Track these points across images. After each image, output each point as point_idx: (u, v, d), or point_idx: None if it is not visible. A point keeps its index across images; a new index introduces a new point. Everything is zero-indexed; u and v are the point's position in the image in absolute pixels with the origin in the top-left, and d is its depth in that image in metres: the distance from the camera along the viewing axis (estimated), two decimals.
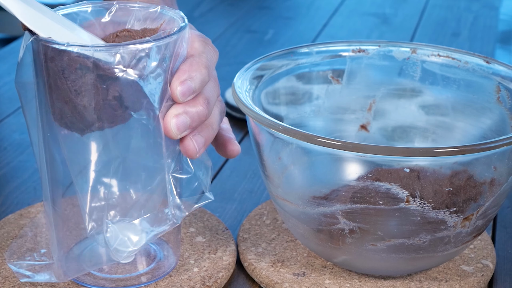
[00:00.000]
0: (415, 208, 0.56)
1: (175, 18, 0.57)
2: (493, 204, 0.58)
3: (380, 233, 0.57)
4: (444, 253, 0.59)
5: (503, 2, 1.45)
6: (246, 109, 0.59)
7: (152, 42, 0.52)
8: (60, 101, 0.52)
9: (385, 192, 0.56)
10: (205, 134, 0.56)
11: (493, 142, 0.54)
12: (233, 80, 0.63)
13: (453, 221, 0.57)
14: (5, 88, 1.00)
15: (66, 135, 0.54)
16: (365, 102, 0.72)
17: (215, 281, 0.61)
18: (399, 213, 0.56)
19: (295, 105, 0.70)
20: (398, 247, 0.58)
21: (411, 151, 0.54)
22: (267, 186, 0.62)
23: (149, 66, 0.52)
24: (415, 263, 0.60)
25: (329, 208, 0.58)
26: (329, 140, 0.54)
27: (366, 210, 0.56)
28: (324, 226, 0.59)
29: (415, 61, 0.69)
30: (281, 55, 0.68)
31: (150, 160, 0.55)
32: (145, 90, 0.52)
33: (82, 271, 0.59)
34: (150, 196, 0.56)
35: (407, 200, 0.56)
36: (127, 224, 0.55)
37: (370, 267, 0.61)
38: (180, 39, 0.54)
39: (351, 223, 0.57)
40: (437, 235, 0.57)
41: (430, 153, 0.53)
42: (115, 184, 0.55)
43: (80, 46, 0.50)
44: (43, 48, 0.51)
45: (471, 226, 0.58)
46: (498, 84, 0.65)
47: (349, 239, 0.58)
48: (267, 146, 0.60)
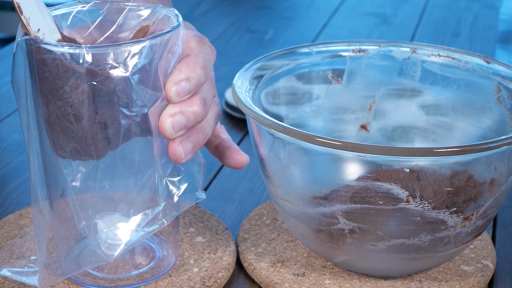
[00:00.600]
0: (415, 208, 0.56)
1: (170, 16, 0.56)
2: (493, 204, 0.58)
3: (380, 233, 0.57)
4: (444, 253, 0.59)
5: (503, 2, 1.45)
6: (246, 109, 0.59)
7: (146, 41, 0.52)
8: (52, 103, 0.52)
9: (385, 192, 0.55)
10: (194, 139, 0.56)
11: (493, 142, 0.54)
12: (233, 80, 0.63)
13: (453, 221, 0.57)
14: (5, 88, 1.00)
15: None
16: (365, 102, 0.72)
17: (215, 281, 0.61)
18: (399, 213, 0.56)
19: (295, 105, 0.70)
20: (398, 247, 0.58)
21: (410, 151, 0.53)
22: (267, 186, 0.62)
23: (141, 64, 0.52)
24: (415, 263, 0.60)
25: (329, 208, 0.58)
26: (328, 140, 0.54)
27: (366, 210, 0.56)
28: (324, 226, 0.59)
29: (415, 61, 0.69)
30: (281, 55, 0.68)
31: (140, 156, 0.55)
32: (136, 87, 0.52)
33: (80, 270, 0.59)
34: (140, 192, 0.56)
35: (407, 200, 0.56)
36: (117, 219, 0.55)
37: (370, 267, 0.61)
38: (174, 37, 0.54)
39: (351, 223, 0.57)
40: (437, 235, 0.57)
41: (430, 153, 0.53)
42: (105, 179, 0.55)
43: (73, 47, 0.50)
44: (33, 47, 0.51)
45: (471, 226, 0.58)
46: (498, 84, 0.65)
47: (349, 239, 0.58)
48: (267, 146, 0.60)
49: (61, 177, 0.54)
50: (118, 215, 0.55)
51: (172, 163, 0.56)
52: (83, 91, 0.51)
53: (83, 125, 0.52)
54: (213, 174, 0.80)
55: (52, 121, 0.53)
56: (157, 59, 0.52)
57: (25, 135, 0.55)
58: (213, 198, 0.75)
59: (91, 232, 0.55)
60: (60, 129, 0.53)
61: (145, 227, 0.55)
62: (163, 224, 0.56)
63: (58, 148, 0.54)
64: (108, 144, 0.53)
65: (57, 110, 0.52)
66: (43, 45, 0.51)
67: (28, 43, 0.52)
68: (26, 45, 0.52)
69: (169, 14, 0.56)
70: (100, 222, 0.55)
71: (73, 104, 0.51)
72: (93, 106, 0.51)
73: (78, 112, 0.52)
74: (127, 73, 0.51)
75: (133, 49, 0.51)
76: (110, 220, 0.55)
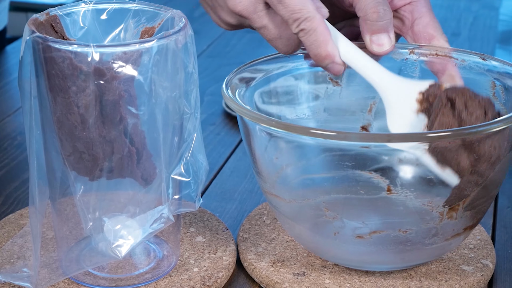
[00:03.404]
0: (397, 197, 0.55)
1: (175, 17, 0.57)
2: (480, 195, 0.58)
3: (364, 225, 0.57)
4: (433, 246, 0.59)
5: (503, 2, 1.45)
6: (234, 104, 0.58)
7: (154, 40, 0.52)
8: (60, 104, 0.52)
9: (365, 181, 0.55)
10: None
11: (474, 127, 0.53)
12: (225, 78, 0.62)
13: (438, 211, 0.56)
14: (5, 88, 1.00)
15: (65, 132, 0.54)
16: (365, 103, 0.72)
17: (215, 281, 0.61)
18: (381, 202, 0.56)
19: (294, 105, 0.70)
20: (384, 239, 0.58)
21: (392, 137, 0.53)
22: (260, 184, 0.63)
23: (149, 63, 0.52)
24: (404, 256, 0.59)
25: (314, 200, 0.57)
26: (307, 129, 0.54)
27: (349, 200, 0.56)
28: (312, 220, 0.59)
29: (414, 61, 0.69)
30: (279, 56, 0.68)
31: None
32: (143, 86, 0.52)
33: (81, 270, 0.59)
34: (147, 193, 0.56)
35: (388, 189, 0.55)
36: (124, 220, 0.55)
37: (361, 260, 0.60)
38: (181, 37, 0.54)
39: (336, 214, 0.57)
40: (423, 226, 0.57)
41: (408, 138, 0.53)
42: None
43: (82, 45, 0.51)
44: (41, 46, 0.51)
45: (459, 217, 0.58)
46: (493, 80, 0.65)
47: (335, 232, 0.58)
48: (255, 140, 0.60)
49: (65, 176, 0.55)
50: (125, 216, 0.55)
51: (179, 163, 0.57)
52: (91, 90, 0.51)
53: (90, 124, 0.52)
54: (213, 174, 0.80)
55: (61, 120, 0.53)
56: (164, 58, 0.53)
57: (28, 134, 0.55)
58: (213, 198, 0.75)
59: (98, 232, 0.55)
60: (67, 129, 0.53)
61: (151, 225, 0.56)
62: (170, 221, 0.56)
63: (65, 149, 0.54)
64: (114, 146, 0.53)
65: (65, 108, 0.52)
66: (52, 43, 0.51)
67: (36, 41, 0.52)
68: (34, 43, 0.52)
69: (174, 16, 0.57)
70: (108, 222, 0.55)
71: (81, 102, 0.52)
72: (100, 105, 0.52)
73: (85, 110, 0.52)
74: (135, 72, 0.51)
75: (141, 48, 0.51)
76: (117, 220, 0.55)
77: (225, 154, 0.84)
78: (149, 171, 0.55)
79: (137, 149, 0.54)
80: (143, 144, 0.54)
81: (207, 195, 0.76)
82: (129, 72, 0.51)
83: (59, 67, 0.51)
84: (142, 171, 0.55)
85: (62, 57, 0.51)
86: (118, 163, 0.54)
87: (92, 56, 0.50)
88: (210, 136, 0.88)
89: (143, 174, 0.55)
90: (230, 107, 0.59)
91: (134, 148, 0.54)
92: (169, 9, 0.57)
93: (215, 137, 0.88)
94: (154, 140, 0.54)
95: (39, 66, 0.52)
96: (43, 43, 0.51)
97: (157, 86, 0.53)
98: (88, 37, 0.57)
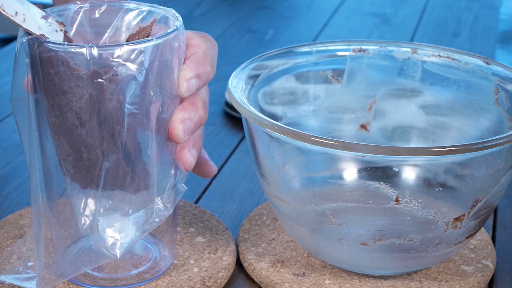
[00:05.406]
0: (405, 208, 0.56)
1: (168, 16, 0.56)
2: (485, 205, 0.58)
3: (370, 232, 0.57)
4: (436, 253, 0.59)
5: (503, 2, 1.45)
6: (240, 107, 0.58)
7: (152, 40, 0.52)
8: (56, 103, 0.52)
9: (374, 191, 0.55)
10: (198, 146, 0.58)
11: (487, 141, 0.53)
12: (229, 79, 0.62)
13: (443, 221, 0.57)
14: (5, 88, 1.00)
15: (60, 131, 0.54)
16: (365, 101, 0.72)
17: (215, 281, 0.61)
18: (389, 212, 0.56)
19: (294, 104, 0.70)
20: (389, 247, 0.58)
21: (400, 150, 0.53)
22: (262, 185, 0.62)
23: (146, 63, 0.52)
24: (407, 263, 0.59)
25: (320, 207, 0.57)
26: (318, 139, 0.54)
27: (356, 209, 0.56)
28: (316, 225, 0.59)
29: (416, 61, 0.69)
30: (279, 54, 0.68)
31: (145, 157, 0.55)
32: (141, 86, 0.52)
33: (78, 271, 0.59)
34: (141, 192, 0.56)
35: (396, 199, 0.55)
36: (118, 218, 0.55)
37: (364, 266, 0.61)
38: (177, 36, 0.54)
39: (342, 221, 0.57)
40: (428, 235, 0.57)
41: (420, 152, 0.53)
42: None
43: (79, 46, 0.50)
44: (37, 46, 0.51)
45: (463, 227, 0.58)
46: (496, 85, 0.65)
47: (340, 238, 0.58)
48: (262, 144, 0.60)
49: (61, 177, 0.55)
50: (119, 215, 0.55)
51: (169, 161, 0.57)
52: (88, 91, 0.51)
53: (88, 125, 0.52)
54: (213, 175, 0.80)
55: (57, 122, 0.53)
56: (161, 58, 0.53)
57: (26, 136, 0.55)
58: (213, 198, 0.75)
59: (93, 231, 0.55)
60: (64, 131, 0.53)
61: (144, 224, 0.56)
62: (161, 221, 0.56)
63: (62, 152, 0.54)
64: (113, 144, 0.53)
65: (60, 110, 0.52)
66: (48, 44, 0.51)
67: (32, 42, 0.51)
68: (29, 44, 0.52)
69: (167, 15, 0.57)
70: (102, 221, 0.55)
71: (78, 103, 0.51)
72: (97, 106, 0.52)
73: (83, 111, 0.52)
74: (132, 72, 0.51)
75: (138, 48, 0.51)
76: (111, 219, 0.55)
77: (225, 154, 0.84)
78: (142, 184, 0.55)
79: (132, 162, 0.54)
80: (138, 156, 0.54)
81: (207, 195, 0.76)
82: (127, 71, 0.51)
83: (54, 68, 0.51)
84: (135, 187, 0.55)
85: (58, 57, 0.50)
86: (111, 177, 0.54)
87: (89, 57, 0.50)
88: (210, 136, 0.88)
89: (135, 189, 0.55)
90: (237, 109, 0.59)
91: (129, 168, 0.54)
92: (162, 8, 0.57)
93: (215, 137, 0.88)
94: (147, 138, 0.54)
95: (35, 67, 0.52)
96: (38, 44, 0.51)
97: (156, 86, 0.53)
98: (81, 37, 0.57)
